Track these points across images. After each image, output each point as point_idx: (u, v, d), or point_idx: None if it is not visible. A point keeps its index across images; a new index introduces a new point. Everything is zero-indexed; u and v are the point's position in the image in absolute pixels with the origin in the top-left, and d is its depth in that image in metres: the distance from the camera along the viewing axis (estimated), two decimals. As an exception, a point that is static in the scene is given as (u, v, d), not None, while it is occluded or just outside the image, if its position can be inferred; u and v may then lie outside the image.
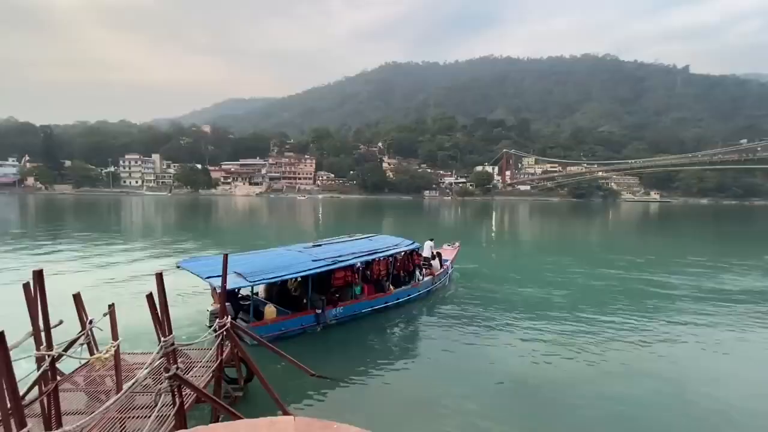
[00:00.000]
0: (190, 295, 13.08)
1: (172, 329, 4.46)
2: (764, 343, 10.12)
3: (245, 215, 56.09)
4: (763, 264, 21.09)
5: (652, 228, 49.82)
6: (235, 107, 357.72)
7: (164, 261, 18.80)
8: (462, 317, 11.75)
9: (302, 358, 8.19)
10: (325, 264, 10.18)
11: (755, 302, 13.67)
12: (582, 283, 16.20)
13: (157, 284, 4.23)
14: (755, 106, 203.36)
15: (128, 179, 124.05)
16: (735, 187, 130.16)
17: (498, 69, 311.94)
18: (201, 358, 6.47)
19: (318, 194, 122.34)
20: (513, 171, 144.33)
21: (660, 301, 13.64)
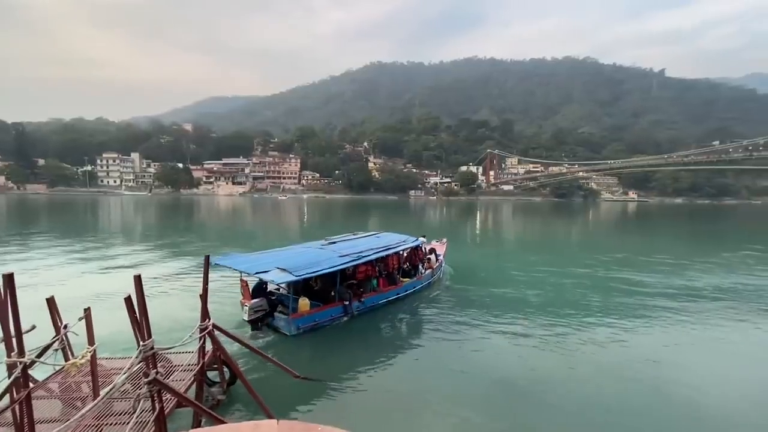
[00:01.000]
0: (173, 297, 12.83)
1: (152, 333, 4.35)
2: (733, 337, 10.54)
3: (228, 215, 55.16)
4: (725, 261, 21.97)
5: (630, 227, 51.29)
6: (217, 105, 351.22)
7: (143, 263, 18.36)
8: (449, 315, 11.92)
9: (290, 359, 8.13)
10: (351, 260, 11.08)
11: (723, 298, 14.25)
12: (563, 281, 16.55)
13: (136, 287, 4.13)
14: (726, 109, 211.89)
15: (106, 179, 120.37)
16: (708, 187, 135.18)
17: (482, 70, 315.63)
18: (182, 362, 6.34)
19: (303, 194, 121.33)
20: (497, 171, 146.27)
21: (638, 298, 14.05)
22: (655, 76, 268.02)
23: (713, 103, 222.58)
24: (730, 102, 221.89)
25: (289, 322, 9.59)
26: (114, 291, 12.66)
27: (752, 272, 18.86)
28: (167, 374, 5.95)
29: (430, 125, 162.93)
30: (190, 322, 5.90)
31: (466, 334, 10.34)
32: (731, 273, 18.52)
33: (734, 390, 7.73)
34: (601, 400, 7.22)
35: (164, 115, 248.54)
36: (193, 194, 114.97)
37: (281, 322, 9.79)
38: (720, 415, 6.79)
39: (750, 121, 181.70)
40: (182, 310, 10.93)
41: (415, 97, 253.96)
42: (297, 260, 10.30)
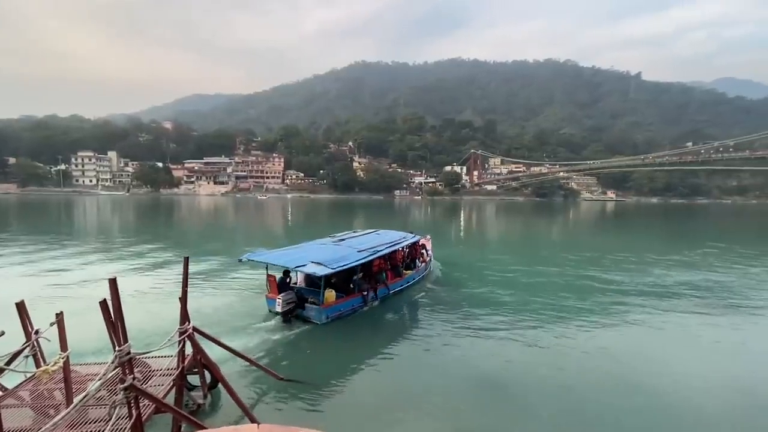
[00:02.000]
0: (154, 300, 12.52)
1: (130, 337, 4.24)
2: (702, 332, 10.97)
3: (210, 216, 54.15)
4: (694, 259, 22.86)
5: (608, 226, 52.76)
6: (198, 103, 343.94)
7: (120, 265, 17.85)
8: (435, 312, 12.16)
9: (277, 357, 8.05)
10: (369, 254, 12.02)
11: (694, 295, 14.82)
12: (543, 278, 16.91)
13: (111, 290, 4.01)
14: (698, 111, 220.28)
15: (81, 178, 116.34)
16: (681, 186, 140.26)
17: (465, 71, 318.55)
18: (162, 367, 6.20)
19: (287, 194, 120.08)
20: (480, 171, 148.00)
21: (614, 296, 14.48)
22: (632, 79, 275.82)
23: (686, 106, 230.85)
24: (702, 105, 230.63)
25: (320, 312, 10.46)
26: (89, 294, 12.26)
27: (719, 269, 19.69)
28: (145, 379, 5.81)
29: (415, 125, 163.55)
30: (172, 326, 5.77)
31: (451, 331, 10.45)
32: (701, 270, 19.27)
33: (704, 382, 8.04)
34: (580, 395, 7.40)
35: (143, 113, 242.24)
36: (173, 194, 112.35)
37: (312, 312, 10.57)
38: (690, 406, 7.06)
39: (721, 123, 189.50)
40: (164, 313, 10.66)
41: (400, 97, 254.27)
42: (325, 255, 11.18)
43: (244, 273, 16.60)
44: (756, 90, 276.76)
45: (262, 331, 10.02)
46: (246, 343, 9.15)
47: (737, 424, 6.65)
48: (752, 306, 13.47)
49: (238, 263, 12.09)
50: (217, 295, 13.26)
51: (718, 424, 6.62)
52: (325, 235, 15.82)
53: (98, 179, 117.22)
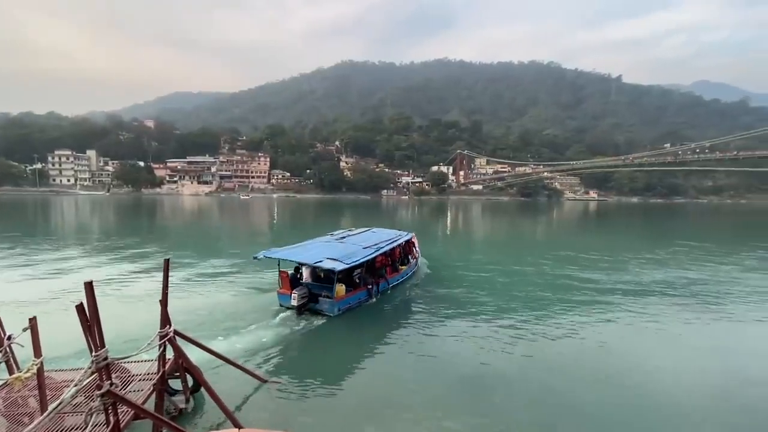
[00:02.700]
0: (135, 304, 12.26)
1: (110, 342, 4.15)
2: (677, 328, 11.34)
3: (193, 216, 53.19)
4: (670, 257, 23.59)
5: (590, 226, 53.93)
6: (181, 101, 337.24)
7: (98, 267, 17.40)
8: (423, 308, 12.41)
9: (262, 358, 7.97)
10: (374, 251, 12.99)
11: (669, 292, 15.32)
12: (526, 276, 17.20)
13: (87, 293, 3.91)
14: (676, 114, 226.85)
15: (58, 177, 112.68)
16: (660, 186, 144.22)
17: (452, 72, 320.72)
18: (142, 371, 6.08)
19: (273, 193, 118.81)
20: (466, 171, 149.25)
21: (594, 294, 14.82)
22: (613, 81, 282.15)
23: (665, 108, 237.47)
24: (680, 107, 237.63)
25: (333, 305, 11.11)
26: (65, 298, 11.93)
27: (694, 267, 20.39)
28: (125, 385, 5.69)
29: (402, 125, 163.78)
30: (155, 330, 5.66)
31: (437, 329, 10.56)
32: (677, 268, 19.91)
33: (680, 377, 8.31)
34: (562, 391, 7.56)
35: (124, 111, 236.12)
36: (155, 194, 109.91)
37: (325, 305, 11.20)
38: (668, 401, 7.29)
39: (697, 125, 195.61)
40: (146, 316, 10.44)
41: (387, 97, 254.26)
42: (337, 252, 11.99)
43: (233, 272, 16.42)
44: (730, 93, 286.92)
45: (247, 333, 9.91)
46: (233, 344, 9.10)
47: (711, 415, 6.90)
48: (724, 302, 13.98)
49: (253, 260, 12.32)
50: (205, 296, 13.09)
51: (694, 416, 6.85)
52: (314, 235, 16.11)
53: (76, 179, 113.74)
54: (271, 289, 14.14)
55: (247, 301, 12.77)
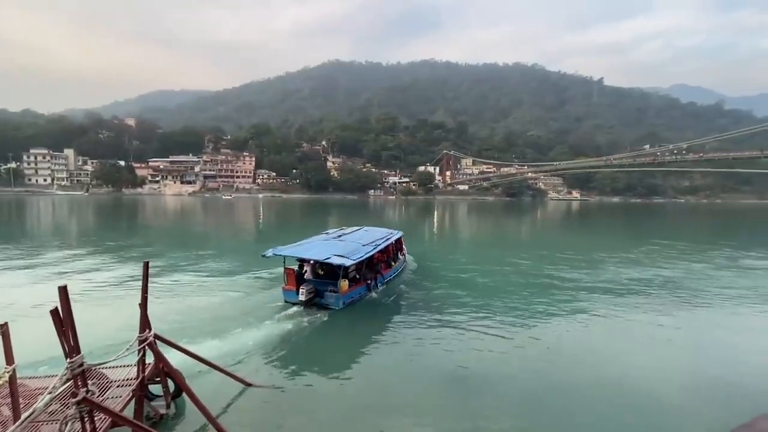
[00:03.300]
0: (116, 307, 11.98)
1: (89, 347, 4.04)
2: (653, 325, 11.68)
3: (176, 217, 52.17)
4: (647, 255, 24.29)
5: (573, 225, 55.03)
6: (163, 99, 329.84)
7: (76, 271, 16.90)
8: (409, 306, 12.58)
9: (247, 362, 7.86)
10: (373, 248, 13.72)
11: (647, 290, 15.77)
12: (509, 275, 17.45)
13: (61, 298, 3.80)
14: (655, 116, 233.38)
15: (34, 177, 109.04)
16: (640, 187, 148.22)
17: (438, 72, 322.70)
18: (121, 377, 5.94)
19: (258, 193, 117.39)
20: (453, 171, 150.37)
21: (574, 292, 15.14)
22: (595, 84, 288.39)
23: (645, 111, 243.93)
24: (658, 110, 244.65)
25: (338, 298, 11.76)
26: (40, 302, 11.54)
27: (669, 265, 21.02)
28: (102, 391, 5.54)
29: (389, 125, 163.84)
30: (135, 334, 5.53)
31: (421, 328, 10.61)
32: (653, 267, 20.51)
33: (658, 374, 8.56)
34: (548, 389, 7.70)
35: (103, 109, 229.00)
36: (137, 194, 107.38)
37: (331, 299, 11.81)
38: (648, 399, 7.50)
39: (675, 127, 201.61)
40: (128, 320, 10.19)
41: (374, 97, 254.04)
42: (341, 249, 12.57)
43: (222, 274, 16.18)
44: (706, 96, 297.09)
45: (232, 336, 9.76)
46: (219, 347, 8.95)
47: (689, 410, 7.13)
48: (699, 300, 14.46)
49: (262, 258, 12.66)
50: (193, 298, 12.87)
51: (672, 412, 7.06)
52: (303, 235, 16.28)
53: (53, 178, 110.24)
54: (258, 290, 14.06)
55: (235, 303, 12.59)
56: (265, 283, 14.94)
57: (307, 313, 11.44)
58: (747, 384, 8.10)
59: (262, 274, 16.26)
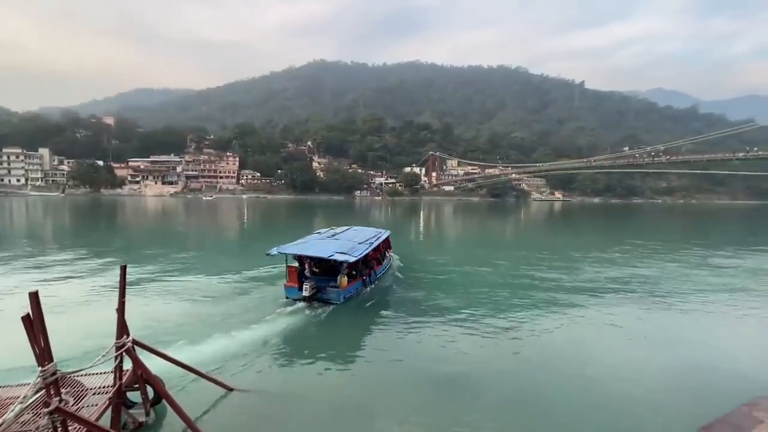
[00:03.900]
0: (93, 312, 11.63)
1: (65, 354, 3.91)
2: (631, 323, 12.01)
3: (156, 218, 50.99)
4: (625, 255, 24.99)
5: (555, 226, 56.12)
6: (144, 98, 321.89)
7: (50, 274, 16.36)
8: (391, 305, 12.69)
9: (229, 366, 7.73)
10: (368, 246, 14.35)
11: (624, 289, 16.20)
12: (492, 275, 17.69)
13: (32, 304, 3.68)
14: (634, 119, 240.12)
15: (7, 177, 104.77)
16: (620, 188, 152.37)
17: (423, 74, 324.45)
18: (97, 384, 5.77)
19: (242, 194, 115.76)
20: (438, 172, 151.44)
21: (555, 291, 15.43)
22: (576, 87, 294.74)
23: (624, 114, 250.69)
24: (637, 113, 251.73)
25: (339, 293, 12.32)
26: (13, 308, 11.12)
27: (646, 264, 21.67)
28: (78, 399, 5.38)
29: (375, 126, 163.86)
30: (112, 341, 5.39)
31: (403, 328, 10.65)
32: (630, 266, 21.10)
33: (636, 369, 8.81)
34: (527, 385, 7.84)
35: (81, 107, 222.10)
36: (116, 195, 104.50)
37: (333, 294, 12.35)
38: (627, 393, 7.72)
39: (653, 130, 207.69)
40: (103, 326, 9.91)
41: (360, 98, 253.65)
42: (341, 247, 13.18)
43: (210, 276, 15.89)
44: (682, 100, 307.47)
45: (213, 339, 9.60)
46: (202, 352, 8.75)
47: (665, 403, 7.35)
48: (673, 297, 14.94)
49: (266, 257, 13.15)
50: (181, 301, 12.60)
51: (650, 404, 7.27)
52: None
53: (27, 179, 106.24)
54: (242, 292, 13.87)
55: (217, 306, 12.39)
56: (248, 285, 14.78)
57: (306, 309, 11.83)
58: (721, 379, 8.40)
59: (246, 276, 16.09)
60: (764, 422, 5.42)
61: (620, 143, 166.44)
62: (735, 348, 10.44)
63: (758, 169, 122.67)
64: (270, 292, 13.81)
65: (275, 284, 14.49)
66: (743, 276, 19.08)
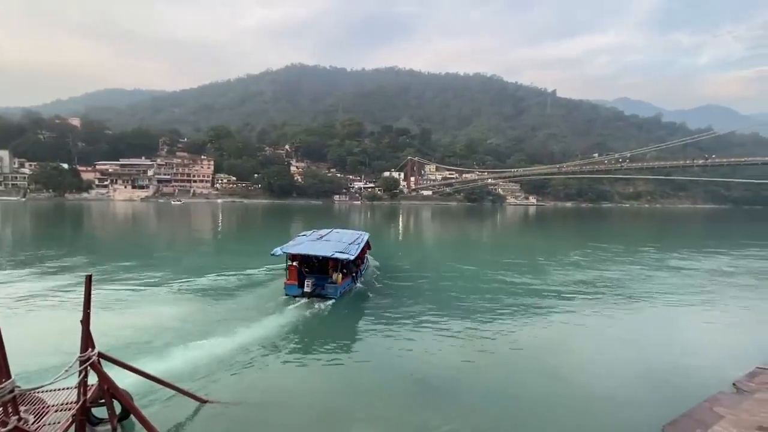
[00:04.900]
0: (52, 326, 11.06)
1: (10, 372, 3.73)
2: (604, 324, 12.50)
3: (125, 224, 49.05)
4: (593, 258, 25.99)
5: (529, 230, 57.66)
6: (113, 99, 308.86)
7: (9, 286, 15.45)
8: (369, 307, 12.95)
9: (203, 378, 7.52)
10: (358, 246, 15.30)
11: (596, 292, 16.83)
12: (468, 277, 18.02)
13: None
14: (603, 126, 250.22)
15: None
16: (590, 192, 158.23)
17: (402, 80, 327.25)
18: (61, 401, 5.51)
19: (217, 198, 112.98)
20: (417, 177, 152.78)
21: (531, 293, 15.85)
22: (549, 95, 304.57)
23: (594, 121, 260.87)
24: (605, 121, 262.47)
25: (336, 289, 13.43)
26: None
27: (613, 267, 22.67)
28: (39, 417, 5.12)
29: (354, 131, 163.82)
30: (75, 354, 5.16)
31: (380, 332, 10.71)
32: (598, 269, 22.03)
33: (610, 368, 9.16)
34: (502, 386, 8.02)
35: (44, 107, 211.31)
36: (82, 199, 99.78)
37: (330, 290, 13.41)
38: (595, 394, 8.01)
39: (620, 137, 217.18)
40: (68, 339, 9.45)
41: (338, 102, 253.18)
42: (336, 246, 14.29)
43: (178, 285, 15.39)
44: (646, 109, 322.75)
45: (187, 349, 9.31)
46: (174, 363, 8.48)
47: (633, 399, 7.68)
48: (639, 299, 15.65)
49: (271, 256, 13.81)
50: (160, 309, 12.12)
51: (618, 401, 7.58)
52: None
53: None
54: (214, 300, 13.55)
55: (192, 315, 12.04)
56: (221, 294, 14.47)
57: (291, 312, 12.26)
58: (684, 376, 8.85)
59: (219, 284, 15.75)
60: (725, 417, 5.76)
61: (590, 150, 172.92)
62: (695, 346, 11.03)
63: (716, 175, 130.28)
64: (242, 300, 13.61)
65: (251, 292, 14.30)
66: (701, 277, 20.20)
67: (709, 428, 5.41)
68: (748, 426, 5.24)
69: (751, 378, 7.55)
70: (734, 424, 5.34)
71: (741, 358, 9.69)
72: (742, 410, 5.88)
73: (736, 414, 5.75)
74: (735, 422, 5.42)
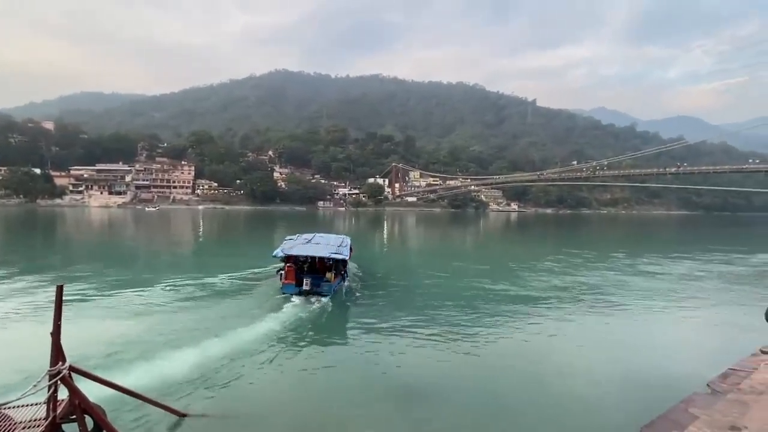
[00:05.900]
0: (20, 339, 10.58)
1: None
2: (583, 327, 12.76)
3: (100, 232, 47.48)
4: (572, 264, 26.62)
5: (511, 235, 58.65)
6: (89, 102, 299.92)
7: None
8: (351, 318, 12.69)
9: (177, 392, 7.28)
10: (347, 248, 16.62)
11: (577, 296, 17.19)
12: (454, 283, 18.13)
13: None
14: (580, 135, 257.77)
15: None
16: (569, 199, 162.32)
17: (386, 87, 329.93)
18: (29, 417, 5.25)
19: (198, 205, 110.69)
20: (401, 183, 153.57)
21: (514, 299, 16.08)
22: (529, 104, 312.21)
23: (572, 130, 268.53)
24: (583, 130, 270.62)
25: (330, 287, 14.54)
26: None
27: (592, 272, 23.27)
28: (3, 436, 4.86)
29: (338, 137, 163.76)
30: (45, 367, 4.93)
31: (363, 337, 10.63)
32: (578, 274, 22.58)
33: (588, 372, 9.34)
34: (485, 390, 8.05)
35: (16, 110, 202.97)
36: (55, 206, 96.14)
37: (325, 287, 14.45)
38: (574, 396, 8.14)
39: (597, 146, 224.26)
40: (38, 352, 9.02)
41: (323, 108, 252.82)
42: (329, 248, 15.70)
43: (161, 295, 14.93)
44: (622, 119, 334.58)
45: (166, 361, 9.02)
46: (152, 375, 8.18)
47: (613, 400, 7.84)
48: (617, 303, 16.07)
49: (273, 258, 15.28)
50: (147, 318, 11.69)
51: (599, 402, 7.72)
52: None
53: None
54: (191, 308, 13.23)
55: (167, 324, 11.69)
56: (195, 304, 14.13)
57: (275, 319, 12.29)
58: (659, 377, 9.11)
59: (195, 293, 15.38)
60: (699, 418, 5.92)
61: (569, 157, 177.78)
62: (670, 348, 11.36)
63: (688, 182, 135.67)
64: (219, 310, 13.33)
65: (229, 299, 14.09)
66: (673, 281, 20.93)
67: (684, 429, 5.56)
68: (721, 426, 5.42)
69: (723, 379, 7.82)
70: (708, 425, 5.51)
71: (714, 359, 10.03)
72: (716, 411, 6.07)
73: (710, 414, 5.93)
74: (709, 423, 5.59)
